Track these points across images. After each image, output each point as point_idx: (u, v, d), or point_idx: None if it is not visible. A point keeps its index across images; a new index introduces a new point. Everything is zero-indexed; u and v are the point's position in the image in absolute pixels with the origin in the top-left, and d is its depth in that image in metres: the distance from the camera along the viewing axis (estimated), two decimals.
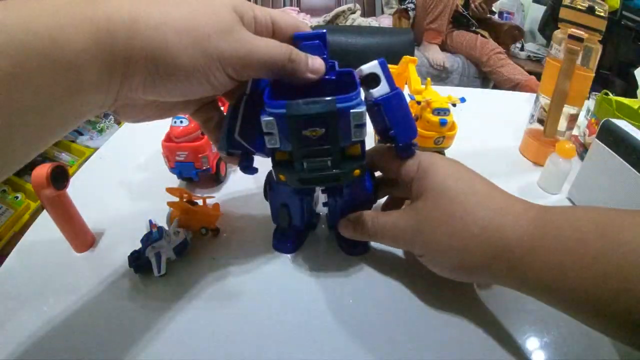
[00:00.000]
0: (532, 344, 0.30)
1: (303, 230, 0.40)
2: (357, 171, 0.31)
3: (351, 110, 0.27)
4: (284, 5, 2.40)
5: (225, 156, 0.33)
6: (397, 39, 1.49)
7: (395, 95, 0.31)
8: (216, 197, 0.43)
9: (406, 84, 0.53)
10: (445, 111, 0.44)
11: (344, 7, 2.16)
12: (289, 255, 0.39)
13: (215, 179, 0.49)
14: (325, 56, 0.30)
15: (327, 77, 0.31)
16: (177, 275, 0.36)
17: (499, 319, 0.32)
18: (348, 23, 2.10)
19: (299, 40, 0.30)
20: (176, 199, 0.40)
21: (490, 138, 0.60)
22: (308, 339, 0.31)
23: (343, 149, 0.30)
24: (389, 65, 0.53)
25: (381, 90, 0.31)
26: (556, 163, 0.47)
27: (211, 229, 0.40)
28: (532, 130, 0.56)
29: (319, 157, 0.29)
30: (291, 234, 0.39)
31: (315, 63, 0.28)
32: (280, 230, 0.40)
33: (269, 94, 0.29)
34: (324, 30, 0.31)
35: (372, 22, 2.19)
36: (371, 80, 0.31)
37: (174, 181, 0.50)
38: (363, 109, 0.28)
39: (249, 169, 0.34)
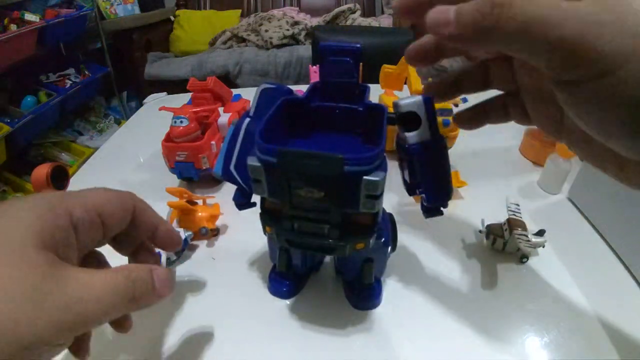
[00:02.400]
0: (532, 344, 0.30)
1: (304, 273, 0.34)
2: (360, 245, 0.25)
3: (364, 177, 0.20)
4: (284, 6, 2.40)
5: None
6: (397, 39, 1.48)
7: (436, 146, 0.24)
8: (216, 197, 0.43)
9: (405, 84, 0.53)
10: (448, 112, 0.44)
11: (344, 7, 2.16)
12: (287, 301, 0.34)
13: (215, 179, 0.49)
14: (355, 79, 0.26)
15: (354, 106, 0.26)
16: (177, 275, 0.36)
17: (499, 319, 0.32)
18: (348, 23, 2.10)
19: (326, 53, 0.25)
20: (176, 199, 0.40)
21: (490, 138, 0.59)
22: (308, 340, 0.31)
23: (349, 215, 0.24)
24: (388, 66, 0.53)
25: (419, 136, 0.24)
26: (556, 163, 0.47)
27: (211, 229, 0.40)
28: (532, 130, 0.55)
29: (314, 222, 0.24)
30: (289, 276, 0.33)
31: (162, 283, 0.21)
32: (277, 271, 0.34)
33: (267, 124, 0.23)
34: (359, 45, 0.25)
35: (372, 22, 2.19)
36: (409, 120, 0.24)
37: (174, 181, 0.49)
38: (381, 176, 0.21)
39: (243, 206, 0.29)
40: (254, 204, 0.29)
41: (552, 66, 0.16)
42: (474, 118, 0.25)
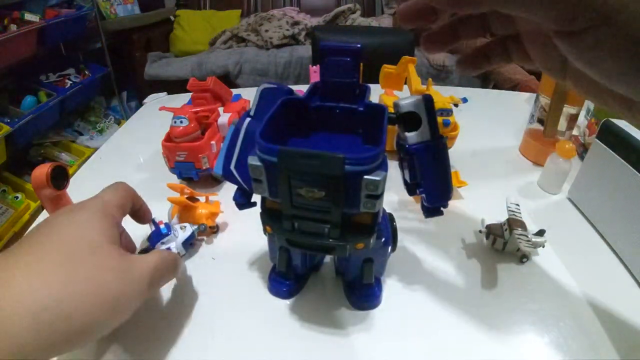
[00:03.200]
0: (532, 344, 0.30)
1: (304, 273, 0.34)
2: (360, 245, 0.25)
3: (364, 177, 0.21)
4: (284, 5, 2.39)
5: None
6: (397, 39, 1.49)
7: (436, 146, 0.24)
8: (216, 196, 0.43)
9: (406, 84, 0.53)
10: (448, 112, 0.44)
11: (344, 7, 2.15)
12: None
13: (215, 179, 0.49)
14: (355, 79, 0.26)
15: (355, 106, 0.26)
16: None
17: (499, 319, 0.32)
18: (348, 23, 2.10)
19: (326, 53, 0.25)
20: (177, 194, 0.40)
21: (490, 138, 0.60)
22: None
23: (349, 215, 0.24)
24: (388, 66, 0.53)
25: (419, 136, 0.24)
26: (556, 163, 0.47)
27: (210, 226, 0.40)
28: (532, 130, 0.55)
29: (315, 221, 0.24)
30: (289, 276, 0.33)
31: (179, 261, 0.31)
32: (277, 271, 0.34)
33: (268, 124, 0.23)
34: (359, 45, 0.25)
35: (372, 22, 2.19)
36: (409, 120, 0.24)
37: (174, 181, 0.49)
38: (382, 176, 0.21)
39: (243, 206, 0.29)
40: (254, 204, 0.29)
41: (552, 20, 0.16)
42: (475, 62, 0.24)
